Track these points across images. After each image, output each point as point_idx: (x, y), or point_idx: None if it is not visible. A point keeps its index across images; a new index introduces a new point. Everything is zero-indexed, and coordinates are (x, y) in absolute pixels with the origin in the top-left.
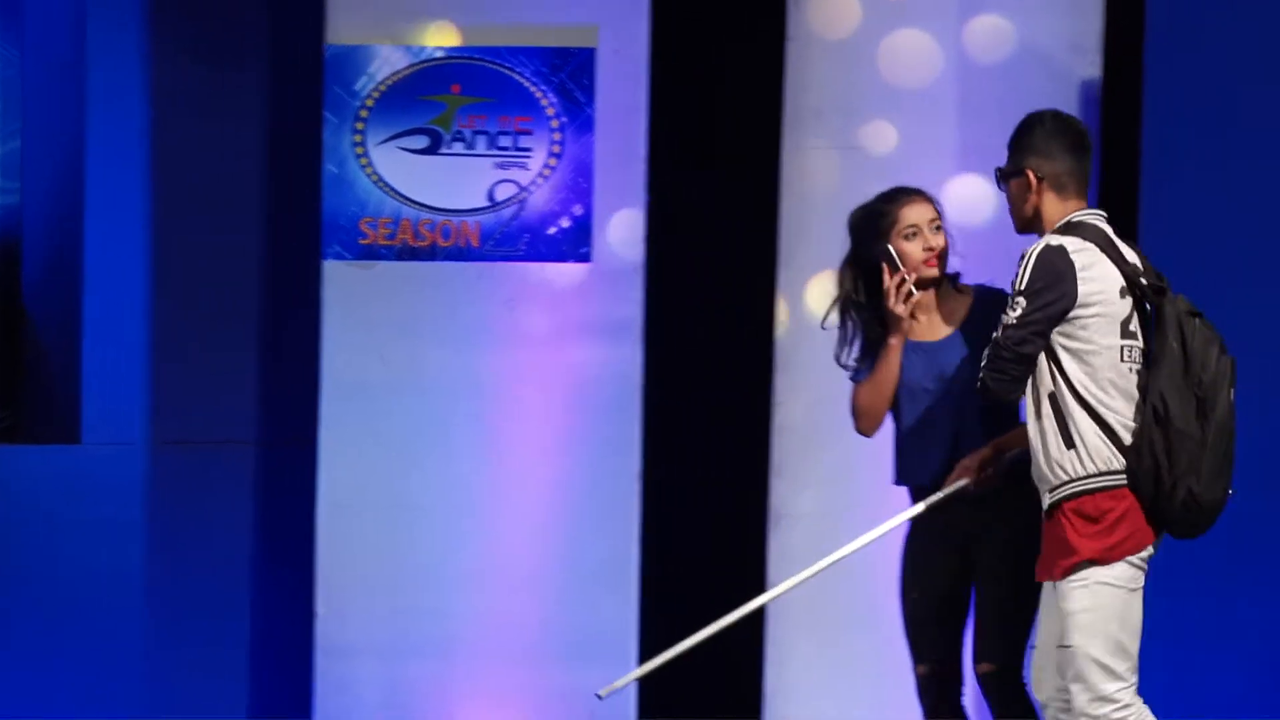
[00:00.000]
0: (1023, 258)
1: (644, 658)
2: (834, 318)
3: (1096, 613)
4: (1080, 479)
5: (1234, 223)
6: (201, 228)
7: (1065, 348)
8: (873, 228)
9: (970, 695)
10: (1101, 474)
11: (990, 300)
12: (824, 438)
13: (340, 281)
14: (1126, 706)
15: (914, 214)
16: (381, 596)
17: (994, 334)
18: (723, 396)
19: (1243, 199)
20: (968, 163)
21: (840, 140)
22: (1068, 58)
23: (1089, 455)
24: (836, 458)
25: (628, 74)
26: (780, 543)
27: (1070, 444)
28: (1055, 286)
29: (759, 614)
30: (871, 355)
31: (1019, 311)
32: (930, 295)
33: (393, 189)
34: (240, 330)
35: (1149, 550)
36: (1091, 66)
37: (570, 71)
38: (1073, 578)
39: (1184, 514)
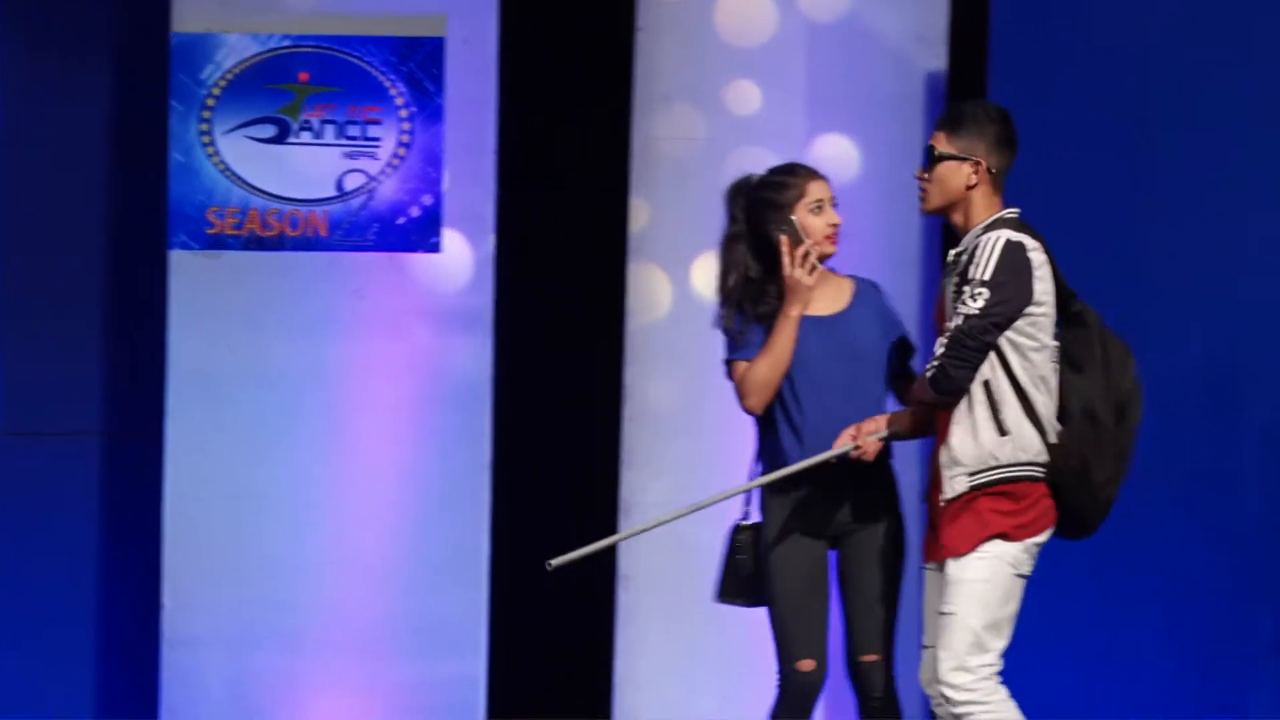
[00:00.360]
0: (979, 248)
1: (494, 650)
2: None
3: (989, 584)
4: (1010, 465)
5: (1075, 214)
6: (46, 217)
7: (1012, 341)
8: (776, 200)
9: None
10: (1031, 464)
11: (869, 287)
12: (674, 428)
13: (187, 271)
14: (984, 680)
15: (819, 189)
16: (229, 588)
17: (951, 324)
18: (573, 387)
19: (1084, 191)
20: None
21: (689, 132)
22: (914, 50)
23: (1021, 445)
24: (686, 447)
25: (477, 64)
26: None
27: (1004, 432)
28: (1016, 282)
29: (609, 607)
30: (764, 330)
31: (982, 303)
32: (822, 272)
33: (240, 178)
34: (85, 321)
35: (1045, 538)
36: (937, 59)
37: (419, 61)
38: (976, 551)
39: (1098, 514)
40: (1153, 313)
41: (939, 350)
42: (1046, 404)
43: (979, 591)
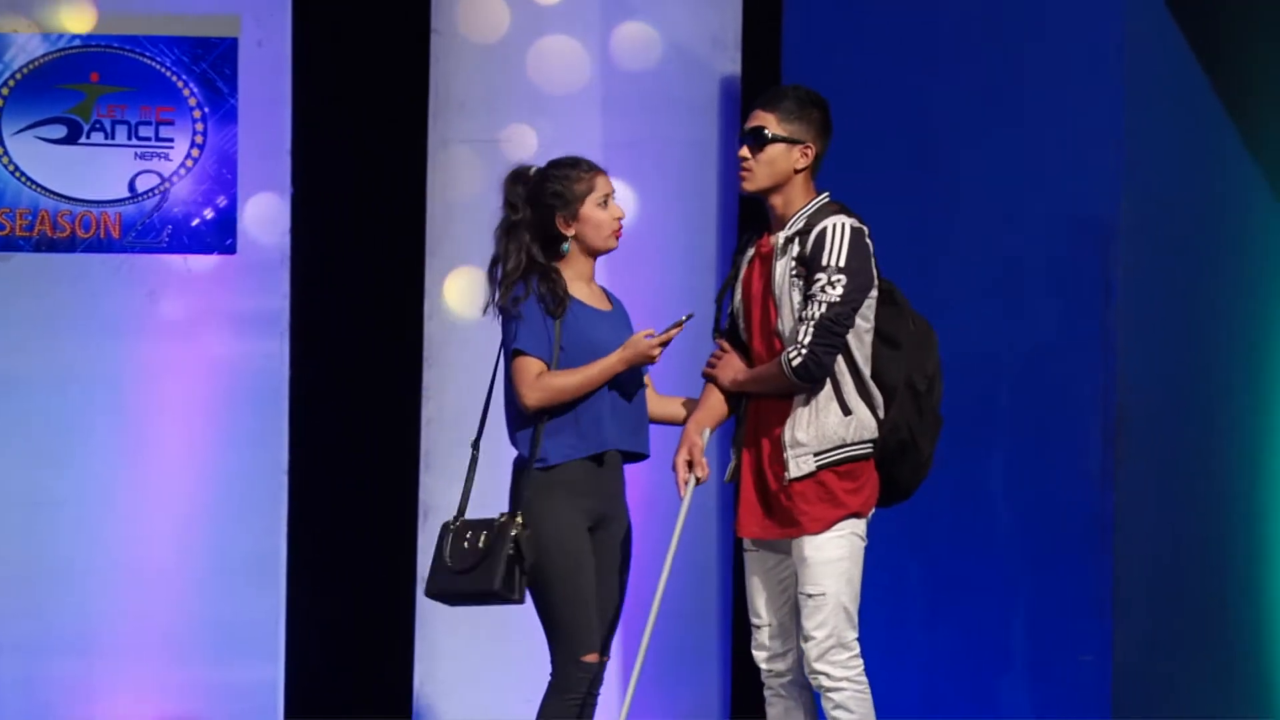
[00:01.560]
0: (825, 234)
1: (291, 652)
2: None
3: (851, 561)
4: (855, 444)
5: (865, 212)
6: None
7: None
8: (565, 192)
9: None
10: (868, 441)
11: (613, 295)
12: (472, 430)
13: None
14: (858, 658)
15: (605, 183)
16: (21, 593)
17: (811, 311)
18: (370, 389)
19: (873, 189)
20: (609, 164)
21: (485, 135)
22: (709, 54)
23: (863, 423)
24: (484, 450)
25: (271, 64)
26: (429, 536)
27: (847, 411)
28: (865, 268)
29: (408, 611)
30: (549, 321)
31: (842, 290)
32: (592, 268)
33: (30, 179)
34: None
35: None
36: (731, 63)
37: (212, 61)
38: (832, 529)
39: (917, 482)
40: (936, 304)
41: (804, 338)
42: (873, 381)
43: (844, 569)
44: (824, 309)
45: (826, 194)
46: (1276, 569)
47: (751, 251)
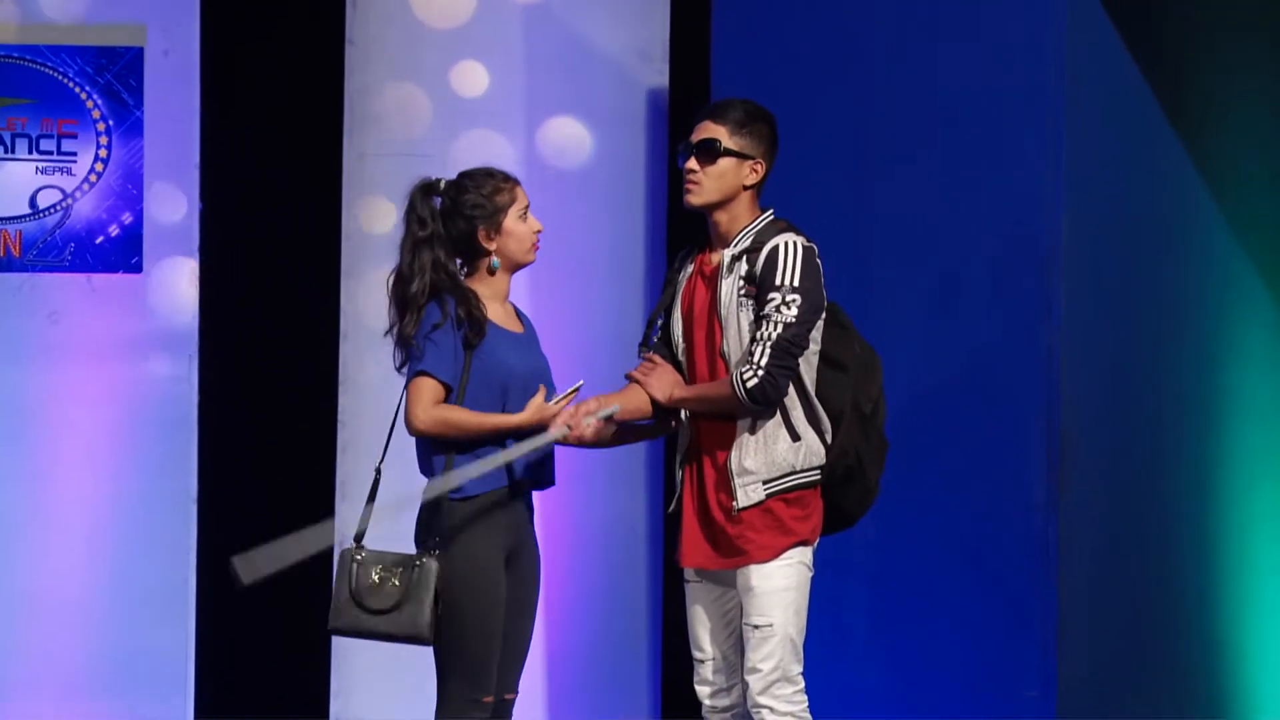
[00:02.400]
0: (777, 252)
1: (200, 687)
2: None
3: (798, 591)
4: (802, 471)
5: (800, 223)
6: None
7: None
8: (485, 204)
9: None
10: (816, 468)
11: (524, 316)
12: (388, 457)
13: None
14: (803, 693)
15: (524, 194)
16: None
17: (766, 331)
18: (283, 414)
19: (807, 204)
20: (531, 178)
21: (402, 149)
22: (636, 66)
23: (810, 450)
24: (402, 477)
25: (178, 75)
26: None
27: (796, 438)
28: (818, 288)
29: (324, 645)
30: (459, 340)
31: (797, 310)
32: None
33: None
34: None
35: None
36: (659, 75)
37: (117, 72)
38: (780, 558)
39: (864, 508)
40: (871, 323)
41: (760, 359)
42: (820, 406)
43: (791, 600)
44: (780, 329)
45: (771, 211)
46: (1227, 595)
47: (690, 268)
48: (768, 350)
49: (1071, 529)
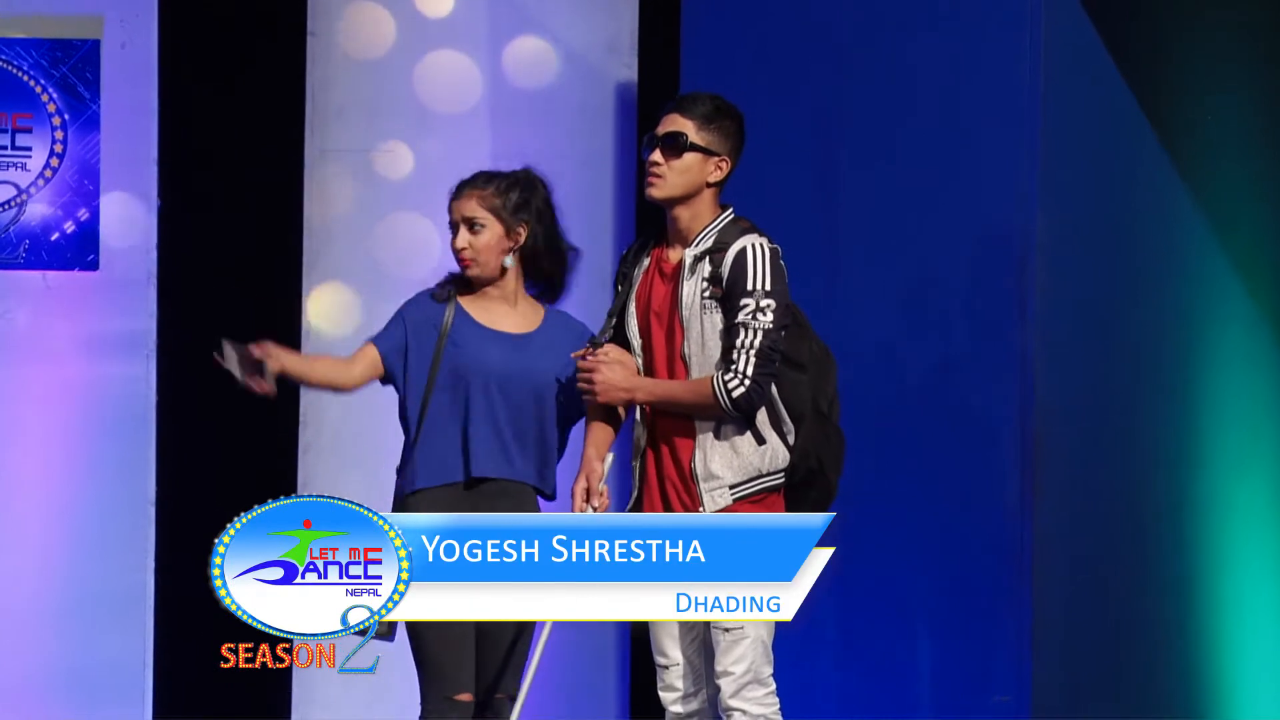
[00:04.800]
0: (744, 254)
1: (158, 695)
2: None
3: None
4: (768, 475)
5: (767, 221)
6: None
7: None
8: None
9: None
10: (781, 470)
11: (560, 318)
12: (354, 457)
13: None
14: (775, 695)
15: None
16: None
17: (747, 339)
18: (243, 415)
19: (776, 201)
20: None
21: (365, 145)
22: (604, 59)
23: (774, 453)
24: (364, 478)
25: (136, 68)
26: None
27: (761, 441)
28: (785, 290)
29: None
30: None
31: (772, 315)
32: (519, 285)
33: None
34: None
35: None
36: (627, 68)
37: (73, 65)
38: None
39: (823, 509)
40: (841, 324)
41: (746, 368)
42: (783, 408)
43: None
44: (760, 337)
45: (731, 209)
46: (1202, 601)
47: (646, 263)
48: (752, 359)
49: (1045, 531)
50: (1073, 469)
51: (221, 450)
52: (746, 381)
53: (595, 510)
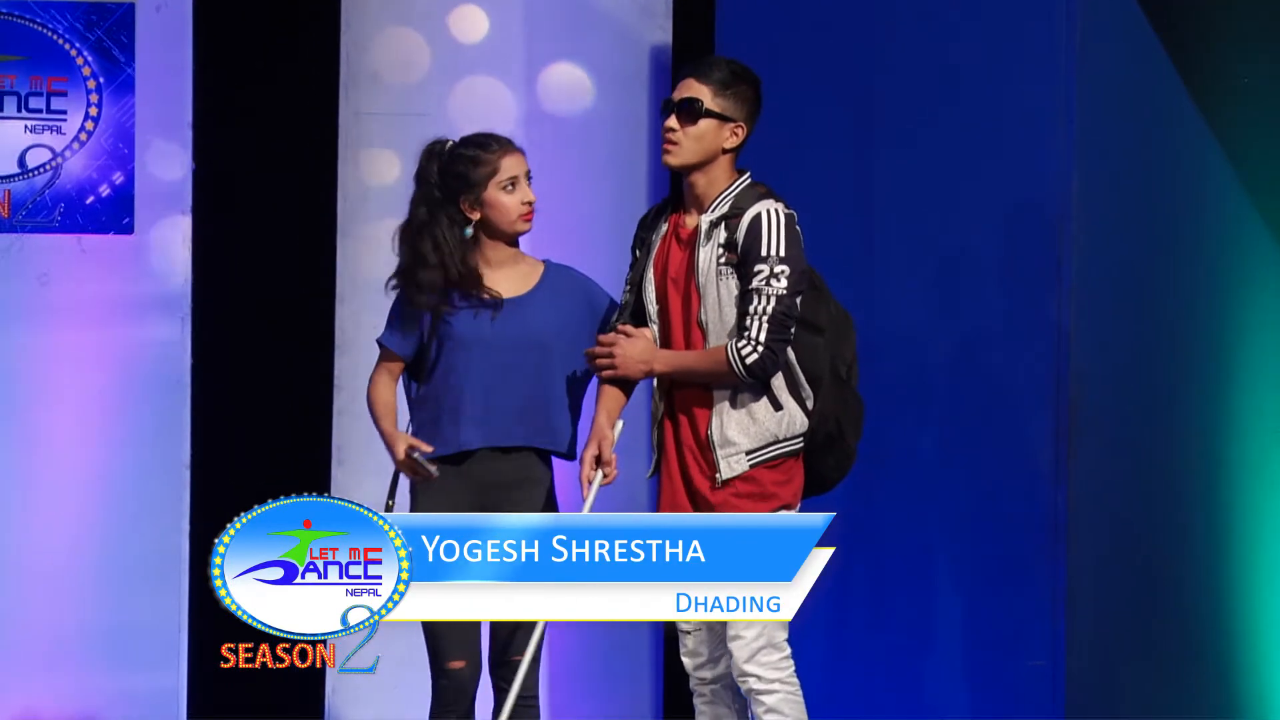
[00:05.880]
0: (758, 220)
1: (193, 659)
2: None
3: None
4: (785, 440)
5: (801, 186)
6: None
7: None
8: (467, 174)
9: None
10: (799, 435)
11: (561, 272)
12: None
13: None
14: (790, 659)
15: (514, 164)
16: None
17: (760, 305)
18: (278, 378)
19: (812, 170)
20: (531, 138)
21: (400, 108)
22: (638, 23)
23: (792, 418)
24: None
25: (171, 32)
26: None
27: (778, 407)
28: (801, 256)
29: None
30: (415, 316)
31: (786, 281)
32: (512, 252)
33: None
34: None
35: None
36: (662, 31)
37: (108, 28)
38: None
39: (842, 473)
40: (876, 292)
41: (759, 334)
42: (801, 373)
43: None
44: (774, 303)
45: (748, 174)
46: (1236, 568)
47: (664, 229)
48: (765, 325)
49: (1080, 498)
50: (1107, 437)
51: (256, 414)
52: (760, 348)
53: (605, 478)
